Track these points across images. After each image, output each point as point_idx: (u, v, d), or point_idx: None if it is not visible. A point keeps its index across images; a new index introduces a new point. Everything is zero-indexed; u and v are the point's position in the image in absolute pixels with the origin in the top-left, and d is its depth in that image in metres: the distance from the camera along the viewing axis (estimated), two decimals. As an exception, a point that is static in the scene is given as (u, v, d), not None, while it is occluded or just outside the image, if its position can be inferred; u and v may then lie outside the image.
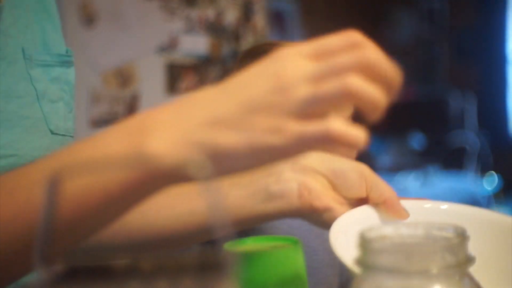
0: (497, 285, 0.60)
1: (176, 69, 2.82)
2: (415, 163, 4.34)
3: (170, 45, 2.79)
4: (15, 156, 0.63)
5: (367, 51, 0.47)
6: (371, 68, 0.47)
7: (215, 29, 2.94)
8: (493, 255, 0.64)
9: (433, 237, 0.45)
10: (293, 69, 0.46)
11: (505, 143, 4.47)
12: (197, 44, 2.88)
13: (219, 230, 0.30)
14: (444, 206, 0.70)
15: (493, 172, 4.40)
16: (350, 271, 0.54)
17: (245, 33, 3.04)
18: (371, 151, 4.04)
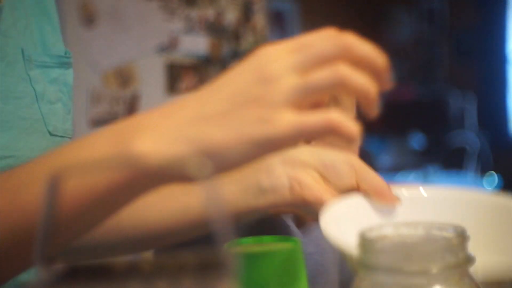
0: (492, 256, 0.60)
1: (176, 69, 2.82)
2: (415, 163, 4.34)
3: (170, 45, 2.79)
4: (13, 157, 0.63)
5: (348, 39, 0.48)
6: (355, 54, 0.47)
7: (215, 29, 2.94)
8: (489, 234, 0.64)
9: (433, 237, 0.45)
10: (276, 61, 0.47)
11: (505, 143, 4.48)
12: (197, 44, 2.88)
13: (216, 224, 0.30)
14: (436, 190, 0.70)
15: (493, 172, 4.40)
16: (345, 255, 0.54)
17: (245, 33, 3.04)
18: (371, 151, 4.04)
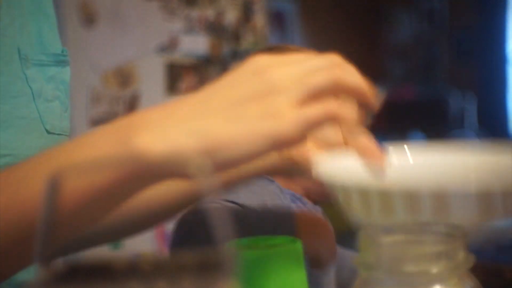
0: None
1: (176, 69, 2.82)
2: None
3: (170, 45, 2.79)
4: (11, 155, 0.63)
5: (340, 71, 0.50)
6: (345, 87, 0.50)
7: (215, 29, 2.94)
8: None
9: (433, 237, 0.45)
10: (275, 65, 0.49)
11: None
12: (197, 44, 2.88)
13: (216, 224, 0.30)
14: (425, 147, 0.71)
15: (493, 172, 4.39)
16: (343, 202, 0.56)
17: (245, 33, 3.04)
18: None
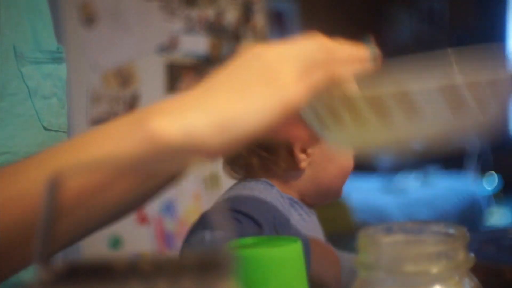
0: None
1: (176, 69, 2.82)
2: (415, 163, 4.34)
3: (170, 45, 2.79)
4: (9, 153, 0.64)
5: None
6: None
7: (215, 29, 2.94)
8: None
9: (433, 237, 0.45)
10: (268, 48, 0.53)
11: (505, 143, 4.47)
12: (197, 44, 2.88)
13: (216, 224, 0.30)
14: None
15: (493, 172, 4.40)
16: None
17: (245, 33, 3.04)
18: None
